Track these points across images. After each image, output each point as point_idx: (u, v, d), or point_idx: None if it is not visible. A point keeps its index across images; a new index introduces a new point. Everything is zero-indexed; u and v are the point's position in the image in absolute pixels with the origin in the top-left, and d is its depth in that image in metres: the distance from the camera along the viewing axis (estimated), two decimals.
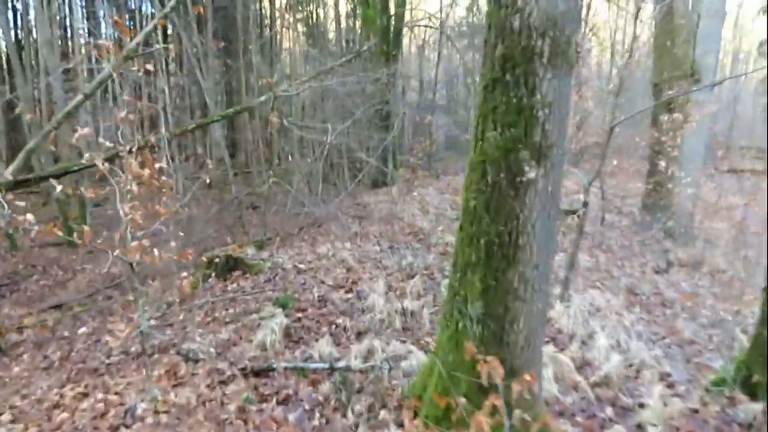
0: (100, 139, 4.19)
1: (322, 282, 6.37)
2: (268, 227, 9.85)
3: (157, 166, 3.65)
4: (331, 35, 22.31)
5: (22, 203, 3.82)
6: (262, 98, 10.99)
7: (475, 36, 24.24)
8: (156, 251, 3.69)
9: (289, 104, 18.60)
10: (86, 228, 3.42)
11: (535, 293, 2.89)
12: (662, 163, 10.31)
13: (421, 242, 8.51)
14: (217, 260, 7.11)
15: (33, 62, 19.20)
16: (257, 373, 4.22)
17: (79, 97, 8.93)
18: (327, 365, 4.17)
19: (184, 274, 4.53)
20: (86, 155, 3.66)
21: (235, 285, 6.73)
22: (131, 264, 3.68)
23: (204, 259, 7.05)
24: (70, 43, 19.32)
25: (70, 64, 11.79)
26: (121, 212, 3.69)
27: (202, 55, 15.00)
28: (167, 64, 18.60)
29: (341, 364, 4.15)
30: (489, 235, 2.85)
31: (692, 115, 12.43)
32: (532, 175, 2.76)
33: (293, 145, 13.46)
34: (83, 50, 13.39)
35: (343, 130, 11.99)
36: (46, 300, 9.12)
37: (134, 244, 3.52)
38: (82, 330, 6.04)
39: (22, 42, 20.56)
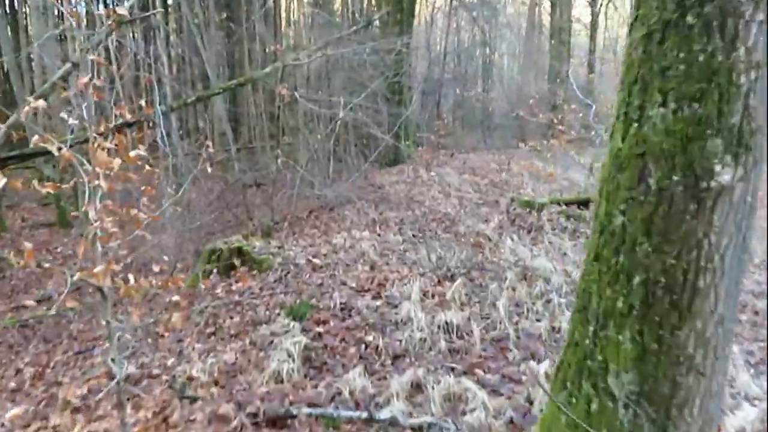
0: (62, 115, 3.07)
1: (343, 283, 5.29)
2: (275, 211, 8.75)
3: (134, 153, 2.52)
4: (337, 5, 20.92)
5: None
6: (268, 69, 9.82)
7: (484, 7, 22.86)
8: (133, 278, 2.60)
9: (294, 77, 17.37)
10: (28, 245, 2.33)
11: (717, 362, 1.81)
12: None
13: (448, 231, 7.42)
14: (220, 253, 6.05)
15: (31, 30, 17.91)
16: (273, 422, 3.15)
17: (67, 66, 7.76)
18: (364, 413, 3.11)
19: (176, 297, 3.43)
20: (34, 138, 2.53)
21: (240, 284, 5.66)
22: (101, 290, 2.59)
23: (201, 269, 5.98)
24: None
25: (57, 31, 10.54)
26: (90, 217, 2.60)
27: (203, 23, 13.75)
28: (167, 34, 17.32)
29: (384, 414, 3.08)
30: (650, 270, 1.75)
31: None
32: (725, 177, 1.67)
33: (299, 120, 12.29)
34: (74, 16, 12.14)
35: (353, 105, 10.83)
36: (31, 291, 8.07)
37: (98, 269, 2.43)
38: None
39: (17, 9, 19.22)
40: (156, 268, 3.01)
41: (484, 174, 11.84)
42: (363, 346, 4.10)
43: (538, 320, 4.44)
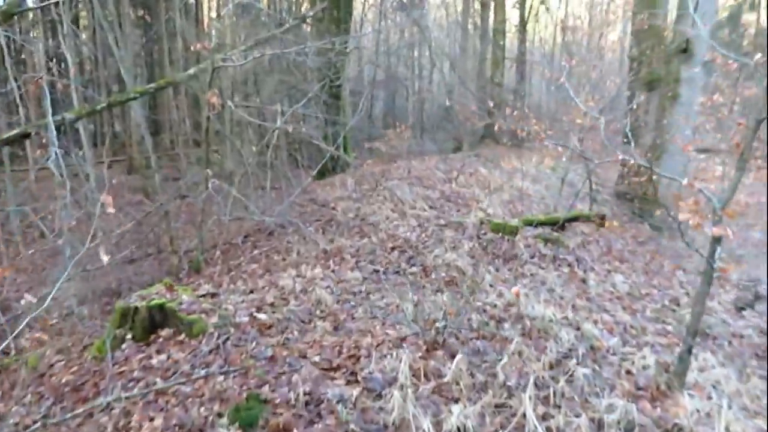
0: None
1: (303, 355, 3.92)
2: (205, 239, 7.24)
3: None
4: (266, 1, 19.22)
5: None
6: (192, 71, 8.26)
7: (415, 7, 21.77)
8: None
9: (221, 80, 15.71)
10: None
11: None
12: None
13: (413, 263, 6.17)
14: (135, 312, 4.52)
15: None
16: None
17: None
18: None
19: None
20: None
21: (163, 357, 4.18)
22: None
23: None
24: None
25: None
26: None
27: (117, 19, 11.90)
28: (74, 32, 15.18)
29: None
30: None
31: (681, 94, 10.71)
32: None
33: (228, 129, 10.70)
34: None
35: (292, 111, 9.39)
36: None
37: None
38: None
39: None
40: None
41: (432, 185, 10.69)
42: None
43: (570, 410, 3.26)
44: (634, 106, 9.75)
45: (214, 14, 20.22)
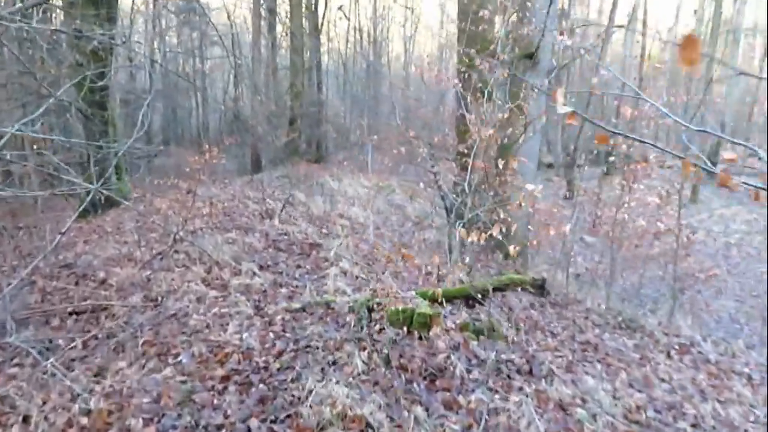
0: None
1: None
2: None
3: None
4: None
5: None
6: None
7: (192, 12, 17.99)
8: None
9: None
10: None
11: None
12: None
13: (273, 418, 3.07)
14: None
15: None
16: None
17: None
18: None
19: None
20: None
21: None
22: None
23: None
24: None
25: None
26: None
27: None
28: None
29: None
30: None
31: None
32: None
33: None
34: None
35: (25, 124, 5.53)
36: None
37: None
38: None
39: None
40: None
41: (249, 224, 7.52)
42: None
43: None
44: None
45: None
